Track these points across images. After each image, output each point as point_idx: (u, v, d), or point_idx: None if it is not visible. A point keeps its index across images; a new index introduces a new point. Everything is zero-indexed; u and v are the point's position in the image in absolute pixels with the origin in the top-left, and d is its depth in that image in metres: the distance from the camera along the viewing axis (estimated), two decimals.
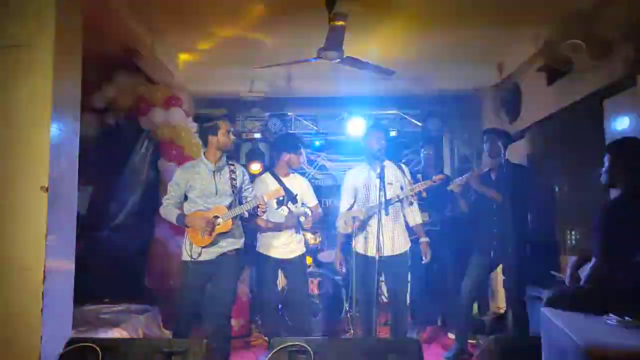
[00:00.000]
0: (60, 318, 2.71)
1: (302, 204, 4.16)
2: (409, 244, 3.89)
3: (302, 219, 4.13)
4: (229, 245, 3.46)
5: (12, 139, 2.65)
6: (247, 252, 3.78)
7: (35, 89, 2.65)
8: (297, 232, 4.16)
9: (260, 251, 4.08)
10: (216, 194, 3.45)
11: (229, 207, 3.43)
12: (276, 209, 3.97)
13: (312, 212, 4.19)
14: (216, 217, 3.37)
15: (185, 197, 3.50)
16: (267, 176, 4.15)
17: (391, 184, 3.79)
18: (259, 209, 3.44)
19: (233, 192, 3.49)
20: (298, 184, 4.15)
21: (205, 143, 3.52)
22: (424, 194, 3.78)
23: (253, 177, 4.33)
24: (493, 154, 4.13)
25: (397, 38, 4.84)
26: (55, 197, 2.64)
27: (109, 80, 5.23)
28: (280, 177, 4.10)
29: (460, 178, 4.13)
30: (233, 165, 3.62)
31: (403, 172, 3.91)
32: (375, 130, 3.95)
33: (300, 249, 4.12)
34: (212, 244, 3.38)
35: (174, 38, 4.77)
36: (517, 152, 4.98)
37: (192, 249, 3.36)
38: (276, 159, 4.21)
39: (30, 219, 2.58)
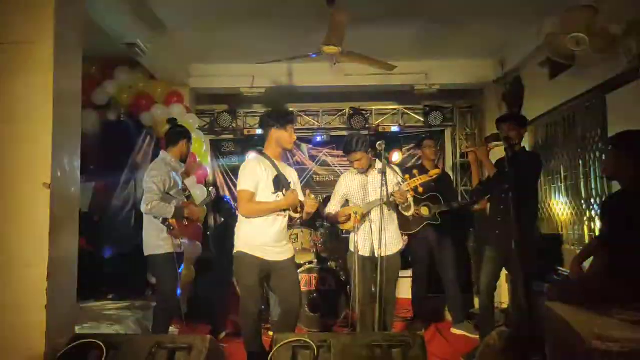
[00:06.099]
0: (64, 315, 2.71)
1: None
2: (402, 245, 3.90)
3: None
4: None
5: (14, 136, 2.64)
6: None
7: (36, 86, 2.64)
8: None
9: (243, 250, 3.32)
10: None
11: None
12: (272, 194, 3.36)
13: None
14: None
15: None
16: (259, 158, 3.46)
17: (384, 185, 3.54)
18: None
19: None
20: (289, 173, 3.59)
21: (177, 142, 3.93)
22: (421, 189, 3.64)
23: None
24: (508, 141, 3.95)
25: (398, 32, 4.83)
26: (58, 193, 2.64)
27: (110, 76, 5.22)
28: (273, 159, 3.46)
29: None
30: None
31: (396, 173, 3.80)
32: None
33: (290, 251, 3.49)
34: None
35: (175, 34, 4.76)
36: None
37: (177, 241, 3.62)
38: (265, 138, 3.55)
39: (33, 215, 2.57)
